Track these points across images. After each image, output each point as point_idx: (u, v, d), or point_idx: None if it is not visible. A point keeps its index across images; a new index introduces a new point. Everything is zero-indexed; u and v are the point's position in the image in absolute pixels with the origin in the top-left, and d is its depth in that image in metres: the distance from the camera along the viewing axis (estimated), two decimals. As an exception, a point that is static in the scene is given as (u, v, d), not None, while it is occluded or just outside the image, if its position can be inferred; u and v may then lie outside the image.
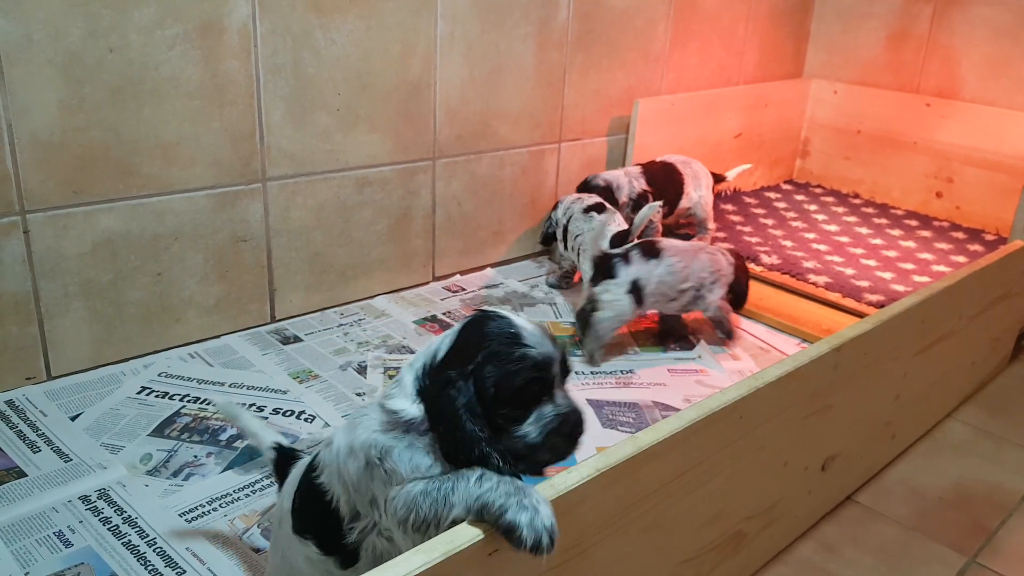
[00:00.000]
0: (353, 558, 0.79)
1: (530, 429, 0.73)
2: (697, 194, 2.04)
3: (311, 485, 0.81)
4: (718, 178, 2.12)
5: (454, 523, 0.69)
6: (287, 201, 1.58)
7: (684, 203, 2.04)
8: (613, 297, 1.47)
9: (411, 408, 0.75)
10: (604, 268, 1.48)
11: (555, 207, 1.91)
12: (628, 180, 1.96)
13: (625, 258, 1.48)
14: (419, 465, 0.73)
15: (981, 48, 2.31)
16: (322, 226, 1.65)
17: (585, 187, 1.95)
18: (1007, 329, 1.65)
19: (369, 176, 1.69)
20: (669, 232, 2.05)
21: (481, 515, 0.68)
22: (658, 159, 2.07)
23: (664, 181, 2.00)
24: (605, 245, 1.55)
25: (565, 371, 0.77)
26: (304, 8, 1.49)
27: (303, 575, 0.83)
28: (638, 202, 1.91)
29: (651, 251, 1.50)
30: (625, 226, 1.71)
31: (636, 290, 1.47)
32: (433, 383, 0.74)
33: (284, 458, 0.94)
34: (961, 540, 1.17)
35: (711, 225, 2.08)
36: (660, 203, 1.65)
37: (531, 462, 0.75)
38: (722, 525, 0.98)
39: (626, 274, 1.47)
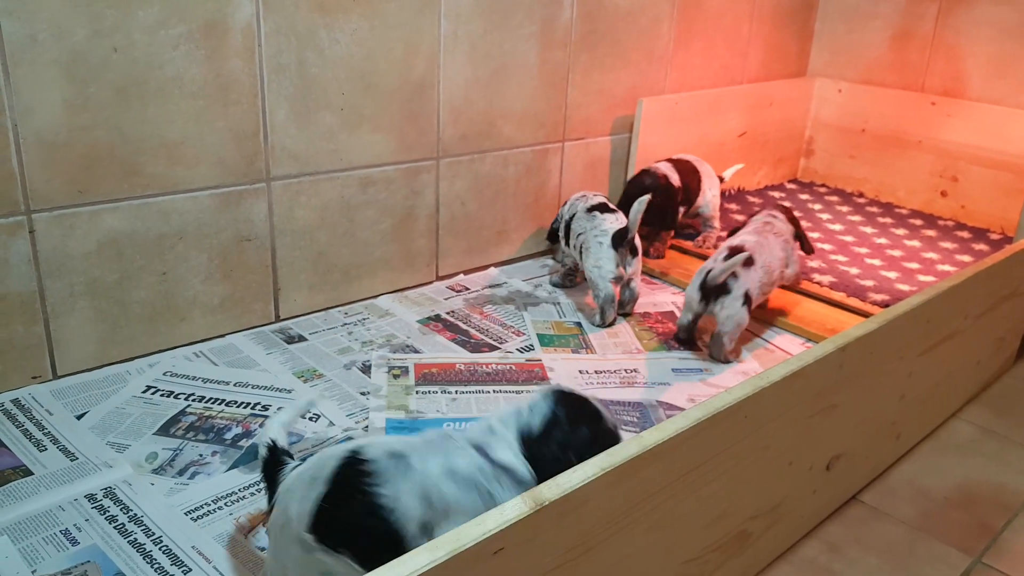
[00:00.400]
0: None
1: None
2: (711, 192, 2.06)
3: (359, 492, 0.79)
4: (719, 179, 2.13)
5: None
6: (291, 201, 1.58)
7: (699, 200, 2.05)
8: (732, 312, 1.55)
9: (521, 467, 0.84)
10: (720, 287, 1.55)
11: (564, 205, 1.90)
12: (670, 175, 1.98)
13: (734, 274, 1.55)
14: None
15: (986, 47, 2.30)
16: (326, 226, 1.65)
17: (640, 180, 1.95)
18: (1012, 329, 1.64)
19: (373, 176, 1.69)
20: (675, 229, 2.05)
21: None
22: (675, 156, 2.08)
23: (689, 178, 2.02)
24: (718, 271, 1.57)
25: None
26: (308, 8, 1.49)
27: None
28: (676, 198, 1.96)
29: (748, 261, 1.57)
30: (626, 223, 1.70)
31: (747, 301, 1.56)
32: (542, 452, 0.85)
33: (274, 460, 0.91)
34: (966, 540, 1.17)
35: (717, 224, 2.09)
36: (649, 196, 1.65)
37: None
38: (727, 524, 0.98)
39: (739, 287, 1.55)
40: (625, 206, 1.74)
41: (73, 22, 1.25)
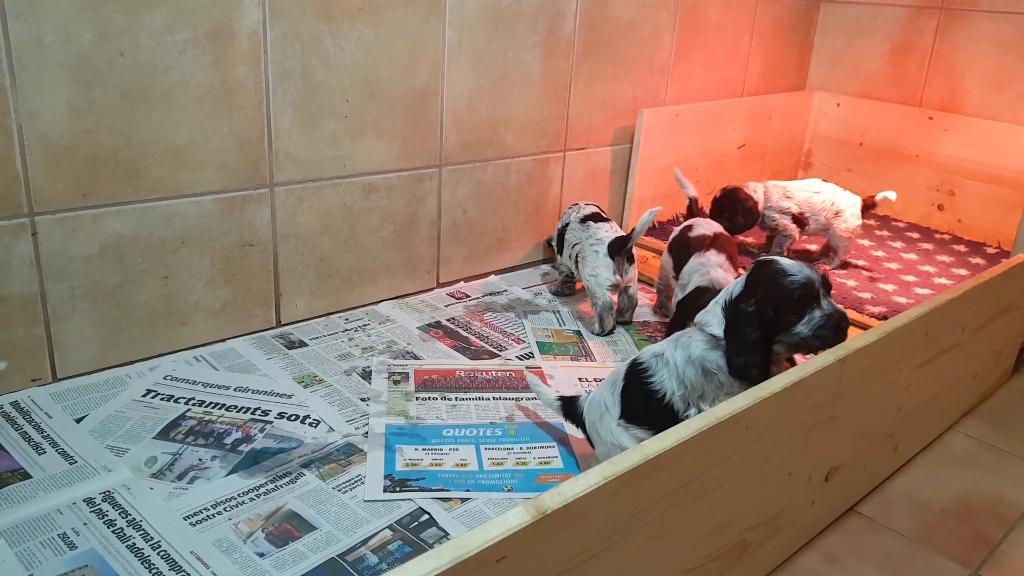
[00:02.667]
0: None
1: (802, 328, 1.07)
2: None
3: (641, 384, 1.12)
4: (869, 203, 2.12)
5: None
6: (294, 206, 1.59)
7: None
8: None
9: (720, 331, 1.09)
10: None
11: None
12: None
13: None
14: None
15: (984, 62, 2.32)
16: (328, 231, 1.65)
17: (732, 196, 1.98)
18: (1009, 342, 1.65)
19: (376, 182, 1.70)
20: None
21: None
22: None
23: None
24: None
25: (826, 287, 1.09)
26: (314, 15, 1.50)
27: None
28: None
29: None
30: (622, 233, 1.71)
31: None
32: (732, 312, 1.09)
33: (567, 402, 1.26)
34: (964, 553, 1.17)
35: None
36: (659, 208, 1.66)
37: (808, 348, 1.08)
38: (727, 534, 0.98)
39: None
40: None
41: (80, 26, 1.25)
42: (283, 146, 1.53)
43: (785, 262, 1.09)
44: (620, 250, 1.68)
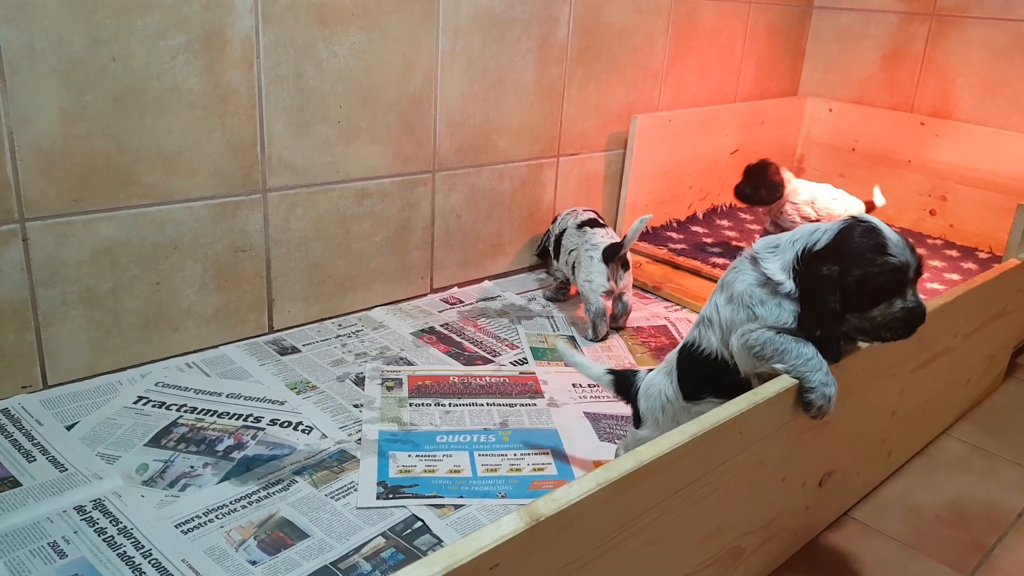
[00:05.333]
0: (746, 390, 0.98)
1: (877, 314, 0.97)
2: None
3: (695, 360, 1.07)
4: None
5: (774, 371, 0.98)
6: (287, 212, 1.58)
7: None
8: None
9: (787, 281, 0.99)
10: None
11: (554, 220, 1.92)
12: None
13: None
14: (779, 318, 0.99)
15: (976, 68, 2.34)
16: (321, 237, 1.65)
17: (766, 169, 2.02)
18: (1002, 347, 1.66)
19: (369, 188, 1.69)
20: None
21: (796, 377, 0.97)
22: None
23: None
24: None
25: (918, 273, 0.99)
26: (307, 20, 1.49)
27: None
28: None
29: None
30: (618, 239, 1.72)
31: None
32: (809, 268, 0.98)
33: (620, 379, 1.22)
34: (958, 558, 1.17)
35: None
36: (651, 216, 1.67)
37: (874, 336, 1.00)
38: (721, 540, 0.98)
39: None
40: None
41: (72, 31, 1.25)
42: (276, 151, 1.53)
43: (888, 233, 0.98)
44: (614, 256, 1.68)
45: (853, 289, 0.96)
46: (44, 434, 1.25)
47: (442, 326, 1.73)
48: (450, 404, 1.42)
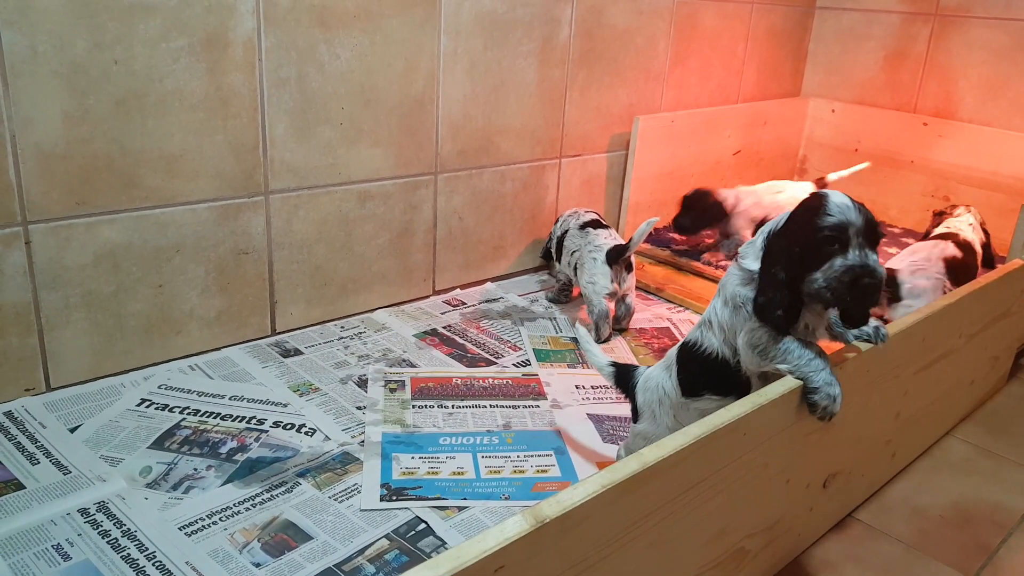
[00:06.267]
0: (746, 387, 1.02)
1: (819, 275, 0.93)
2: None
3: (695, 358, 1.07)
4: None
5: (779, 371, 0.98)
6: (289, 214, 1.58)
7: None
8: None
9: (755, 265, 1.00)
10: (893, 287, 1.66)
11: (556, 222, 1.91)
12: None
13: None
14: None
15: (979, 69, 2.33)
16: (324, 239, 1.65)
17: (705, 198, 1.98)
18: (1006, 348, 1.65)
19: (371, 190, 1.70)
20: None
21: (799, 377, 0.97)
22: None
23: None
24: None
25: (870, 235, 0.94)
26: (309, 23, 1.50)
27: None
28: None
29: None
30: (621, 241, 1.72)
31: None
32: (767, 245, 0.99)
33: (620, 371, 1.22)
34: (962, 559, 1.17)
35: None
36: (657, 219, 1.66)
37: (824, 301, 0.95)
38: (725, 542, 0.98)
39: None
40: None
41: (74, 34, 1.25)
42: (278, 154, 1.53)
43: (834, 197, 0.95)
44: (618, 258, 1.68)
45: (795, 255, 0.95)
46: (47, 437, 1.25)
47: (444, 328, 1.72)
48: (453, 406, 1.42)
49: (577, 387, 1.52)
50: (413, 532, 1.09)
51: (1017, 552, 1.20)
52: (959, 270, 1.70)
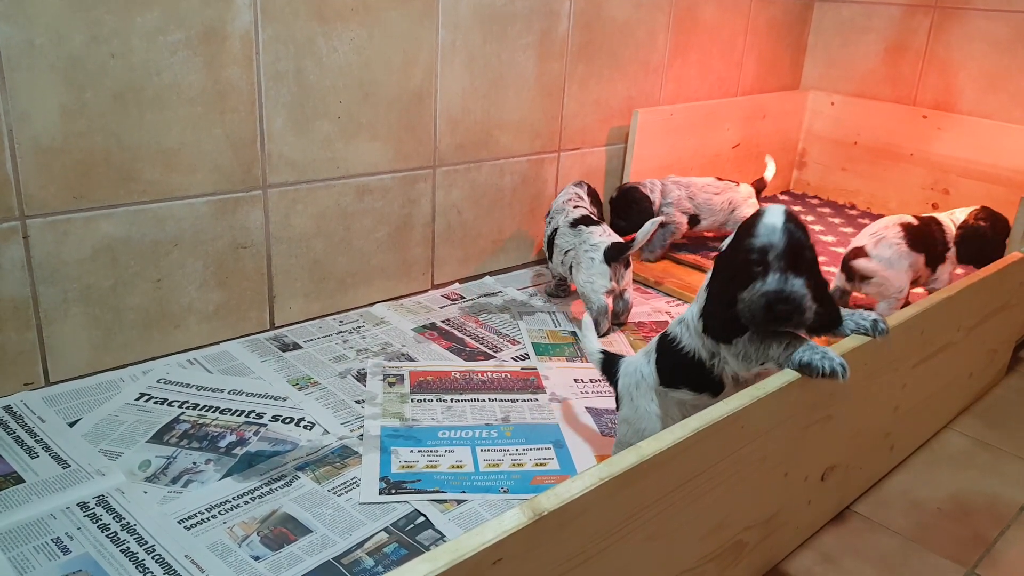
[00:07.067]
0: (720, 387, 1.05)
1: (745, 295, 0.96)
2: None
3: (673, 352, 1.09)
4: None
5: (767, 371, 1.00)
6: (287, 208, 1.58)
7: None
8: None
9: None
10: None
11: (547, 214, 1.88)
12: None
13: None
14: None
15: (978, 61, 2.33)
16: (322, 233, 1.65)
17: (630, 195, 1.96)
18: (1004, 341, 1.65)
19: (370, 184, 1.69)
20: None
21: (793, 368, 0.98)
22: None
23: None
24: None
25: (794, 260, 0.94)
26: (307, 16, 1.49)
27: (673, 415, 1.10)
28: None
29: None
30: (616, 237, 1.69)
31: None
32: (715, 262, 1.04)
33: (607, 359, 1.25)
34: (960, 551, 1.17)
35: None
36: (661, 218, 1.66)
37: (749, 322, 0.97)
38: (723, 535, 0.98)
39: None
40: None
41: (71, 28, 1.25)
42: (276, 148, 1.53)
43: (766, 218, 0.97)
44: (618, 256, 1.66)
45: (729, 275, 0.98)
46: (47, 431, 1.25)
47: (443, 322, 1.72)
48: (452, 400, 1.42)
49: (576, 381, 1.52)
50: (412, 525, 1.10)
51: (1015, 544, 1.20)
52: (918, 236, 1.72)
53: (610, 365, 1.24)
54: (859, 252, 1.71)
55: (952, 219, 1.80)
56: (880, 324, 1.09)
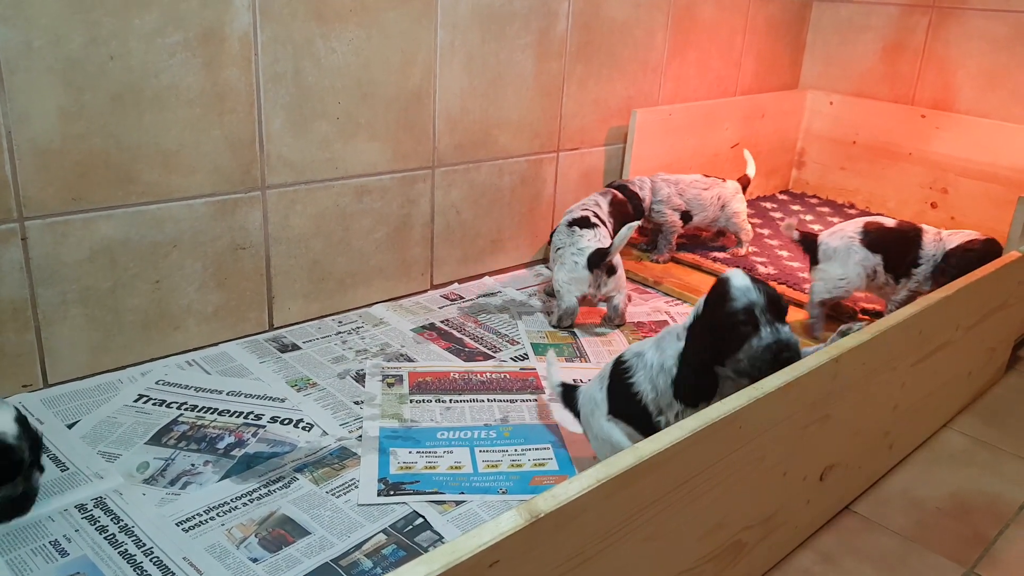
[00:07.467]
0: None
1: (742, 356, 1.01)
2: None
3: (623, 383, 1.11)
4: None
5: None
6: (286, 209, 1.58)
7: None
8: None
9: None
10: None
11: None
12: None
13: None
14: None
15: (977, 60, 2.33)
16: (321, 234, 1.65)
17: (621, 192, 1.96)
18: (1003, 340, 1.65)
19: (368, 184, 1.69)
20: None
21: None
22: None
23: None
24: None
25: (775, 309, 1.02)
26: (305, 17, 1.49)
27: (621, 443, 1.11)
28: None
29: None
30: (608, 242, 1.69)
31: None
32: (689, 331, 1.06)
33: (567, 390, 1.28)
34: (960, 550, 1.17)
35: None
36: (638, 223, 1.66)
37: (750, 377, 1.00)
38: (722, 535, 0.98)
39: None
40: None
41: (70, 29, 1.25)
42: (275, 149, 1.53)
43: (735, 281, 1.04)
44: (599, 263, 1.65)
45: (713, 342, 1.03)
46: (45, 433, 1.24)
47: (442, 322, 1.72)
48: (451, 400, 1.42)
49: (575, 380, 1.52)
50: (410, 527, 1.10)
51: (1014, 543, 1.20)
52: (883, 238, 1.70)
53: (569, 396, 1.27)
54: (810, 235, 1.76)
55: (941, 237, 1.70)
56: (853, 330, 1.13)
